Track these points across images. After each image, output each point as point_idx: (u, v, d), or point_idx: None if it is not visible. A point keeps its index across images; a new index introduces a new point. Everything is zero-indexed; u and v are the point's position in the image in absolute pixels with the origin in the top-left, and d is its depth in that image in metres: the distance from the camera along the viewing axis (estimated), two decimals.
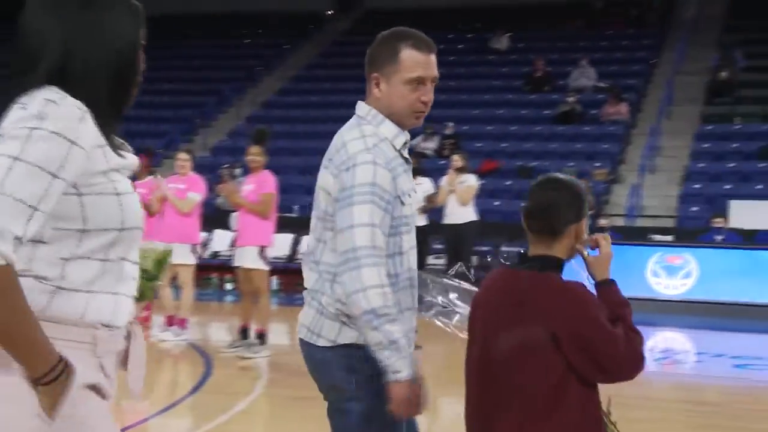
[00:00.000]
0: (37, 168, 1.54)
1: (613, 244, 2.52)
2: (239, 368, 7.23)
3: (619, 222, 14.32)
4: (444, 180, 11.35)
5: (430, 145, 16.35)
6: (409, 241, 2.47)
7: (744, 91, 17.08)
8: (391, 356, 2.29)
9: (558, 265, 2.38)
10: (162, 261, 2.09)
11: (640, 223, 14.20)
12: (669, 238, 12.83)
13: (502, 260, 13.27)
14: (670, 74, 18.03)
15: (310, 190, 15.17)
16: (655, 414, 5.98)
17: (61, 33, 1.67)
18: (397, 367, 2.29)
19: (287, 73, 21.28)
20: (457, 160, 11.34)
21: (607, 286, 2.39)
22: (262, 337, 7.64)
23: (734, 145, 15.62)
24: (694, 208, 14.01)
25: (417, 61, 2.44)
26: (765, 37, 18.38)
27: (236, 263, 7.74)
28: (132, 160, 1.74)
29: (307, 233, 2.61)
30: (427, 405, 2.38)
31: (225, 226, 13.61)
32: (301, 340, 2.53)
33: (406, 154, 2.52)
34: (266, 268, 7.64)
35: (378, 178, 2.36)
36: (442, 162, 14.33)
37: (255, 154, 7.69)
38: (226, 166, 9.05)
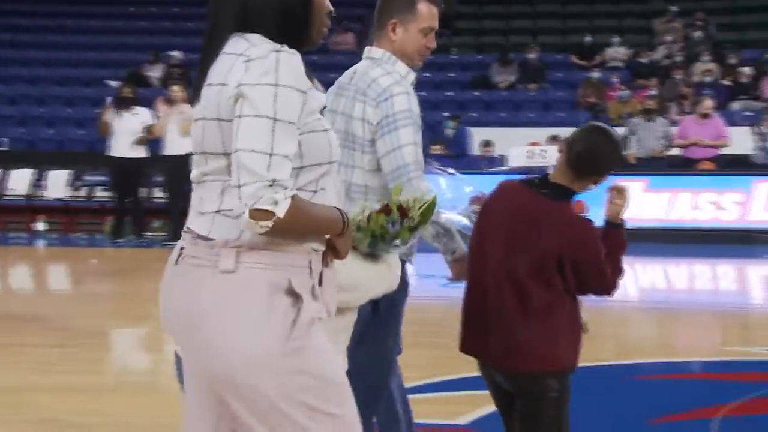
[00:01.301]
0: (288, 124, 1.77)
1: None
2: None
3: None
4: (163, 110, 11.13)
5: (155, 74, 15.89)
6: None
7: (460, 23, 18.17)
8: (448, 242, 2.86)
9: (571, 196, 2.77)
10: (430, 209, 2.18)
11: None
12: None
13: None
14: None
15: (23, 122, 14.27)
16: (410, 340, 6.39)
17: None
18: (453, 247, 2.87)
19: None
20: (176, 91, 11.14)
21: (615, 227, 2.81)
22: None
23: (451, 75, 16.65)
24: None
25: (431, 13, 2.92)
26: None
27: None
28: (323, 98, 1.96)
29: (18, 167, 2.59)
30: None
31: None
32: None
33: (412, 90, 2.95)
34: None
35: (412, 105, 2.83)
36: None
37: None
38: None
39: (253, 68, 1.80)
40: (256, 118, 1.76)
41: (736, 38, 16.58)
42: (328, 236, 1.93)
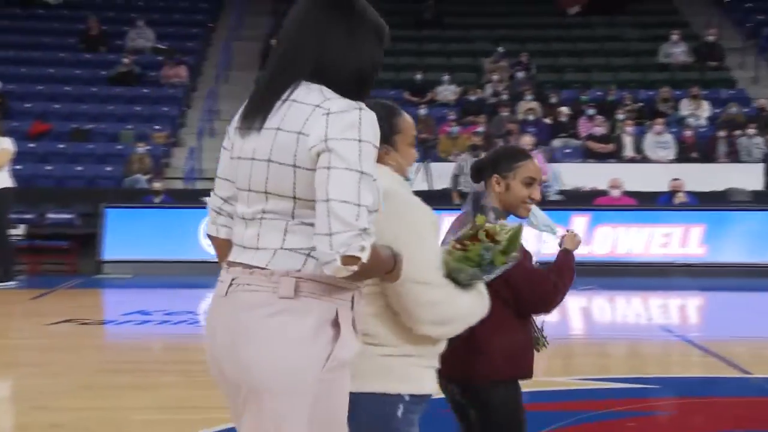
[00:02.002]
0: (369, 176, 1.91)
1: (167, 207, 2.67)
2: None
3: (178, 185, 14.44)
4: None
5: None
6: None
7: None
8: None
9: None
10: (516, 237, 2.29)
11: (200, 185, 14.45)
12: None
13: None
14: (228, 39, 18.51)
15: None
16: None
17: (320, 45, 2.02)
18: None
19: None
20: None
21: (568, 253, 3.02)
22: None
23: None
24: None
25: None
26: None
27: None
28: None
29: None
30: None
31: None
32: None
33: None
34: None
35: None
36: None
37: None
38: None
39: (336, 122, 1.92)
40: (346, 171, 1.89)
41: (555, 79, 17.42)
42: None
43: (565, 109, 15.36)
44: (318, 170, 1.90)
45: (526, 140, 12.56)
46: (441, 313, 2.23)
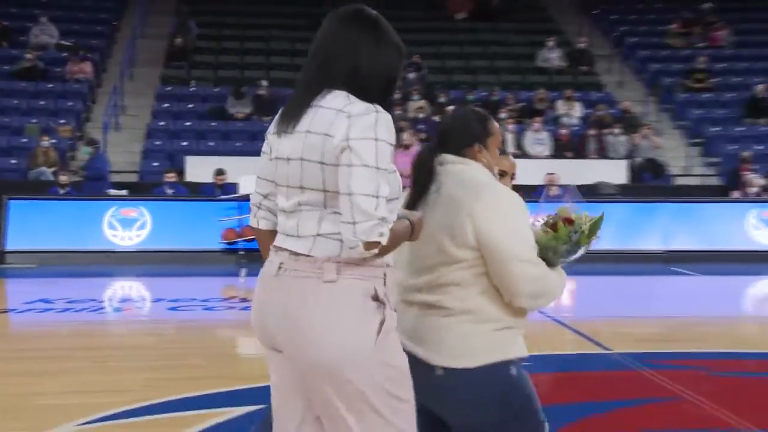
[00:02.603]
0: (385, 171, 2.08)
1: (72, 200, 2.62)
2: None
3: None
4: None
5: None
6: None
7: (198, 57, 17.91)
8: None
9: None
10: (597, 224, 2.54)
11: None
12: (124, 192, 12.86)
13: None
14: (132, 37, 18.09)
15: None
16: (126, 364, 6.09)
17: (353, 56, 2.17)
18: None
19: None
20: None
21: None
22: None
23: (190, 106, 16.33)
24: (155, 164, 14.37)
25: None
26: (217, 9, 19.43)
27: None
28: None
29: None
30: None
31: None
32: None
33: None
34: None
35: None
36: None
37: None
38: None
39: (356, 124, 2.07)
40: (364, 168, 2.04)
41: (444, 80, 17.73)
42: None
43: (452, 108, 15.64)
44: (341, 167, 2.07)
45: (404, 137, 12.82)
46: (537, 288, 2.45)
